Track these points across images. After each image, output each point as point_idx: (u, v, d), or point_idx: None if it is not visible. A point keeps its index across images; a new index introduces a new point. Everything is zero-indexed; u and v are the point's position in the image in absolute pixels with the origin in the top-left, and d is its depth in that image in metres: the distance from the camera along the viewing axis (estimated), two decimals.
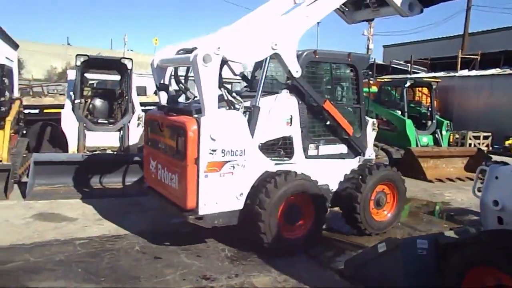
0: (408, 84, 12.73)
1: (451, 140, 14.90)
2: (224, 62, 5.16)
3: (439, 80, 19.46)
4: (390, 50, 38.92)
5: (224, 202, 5.13)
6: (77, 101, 8.94)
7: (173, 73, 6.01)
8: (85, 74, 9.99)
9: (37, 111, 11.71)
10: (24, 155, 9.00)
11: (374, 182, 6.09)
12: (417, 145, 12.07)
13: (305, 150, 5.84)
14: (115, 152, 8.87)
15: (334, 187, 6.16)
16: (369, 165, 6.28)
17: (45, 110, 11.70)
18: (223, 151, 5.02)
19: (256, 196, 5.17)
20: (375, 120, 11.46)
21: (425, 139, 12.49)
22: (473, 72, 21.12)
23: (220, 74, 5.41)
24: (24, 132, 10.15)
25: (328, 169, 6.06)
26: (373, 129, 11.39)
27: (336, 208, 6.36)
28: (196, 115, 5.00)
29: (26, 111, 11.04)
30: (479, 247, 3.32)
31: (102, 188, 7.89)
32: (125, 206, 7.08)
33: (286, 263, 5.06)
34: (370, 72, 26.95)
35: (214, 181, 4.99)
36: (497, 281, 3.18)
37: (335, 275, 4.88)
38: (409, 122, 12.25)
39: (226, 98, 5.31)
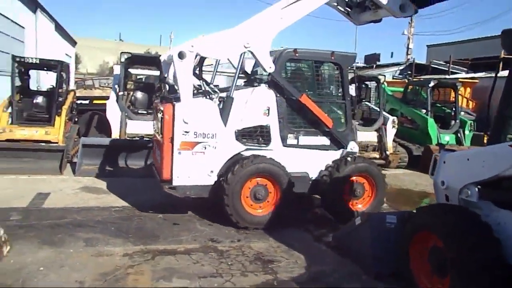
0: (432, 84, 13.04)
1: (484, 141, 14.89)
2: (203, 58, 6.05)
3: (476, 81, 19.26)
4: (434, 49, 38.02)
5: (195, 177, 5.95)
6: (120, 93, 10.19)
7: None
8: (129, 69, 11.25)
9: (87, 101, 13.20)
10: (75, 139, 10.41)
11: (347, 173, 6.39)
12: (438, 144, 12.41)
13: (283, 139, 6.39)
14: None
15: (313, 175, 6.57)
16: (344, 157, 6.56)
17: (94, 101, 13.16)
18: (195, 133, 5.85)
19: (224, 174, 5.96)
20: (395, 118, 12.15)
21: (447, 137, 12.77)
22: None
23: (200, 68, 6.23)
24: (76, 119, 11.63)
25: (308, 159, 6.51)
26: (393, 127, 12.04)
27: None
28: (174, 102, 5.89)
29: (79, 101, 12.54)
30: (422, 216, 4.06)
31: (137, 168, 9.09)
32: (155, 183, 8.17)
33: (284, 235, 5.91)
34: (410, 72, 27.07)
35: (186, 158, 5.84)
36: (434, 243, 3.90)
37: (323, 246, 5.70)
38: (431, 121, 12.61)
39: (203, 88, 6.15)
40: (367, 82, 14.05)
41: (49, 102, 9.88)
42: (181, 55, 5.71)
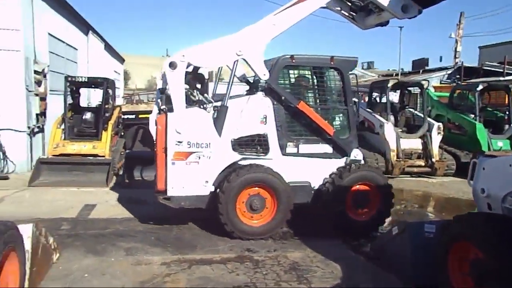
0: (480, 87, 12.42)
1: None
2: (197, 67, 6.05)
3: None
4: (487, 51, 36.19)
5: (190, 187, 5.86)
6: (163, 107, 10.54)
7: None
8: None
9: (133, 116, 13.80)
10: (122, 153, 10.89)
11: (348, 182, 6.12)
12: (489, 149, 11.75)
13: (282, 147, 6.21)
14: None
15: (316, 185, 6.34)
16: (346, 165, 6.31)
17: (140, 116, 13.74)
18: (189, 143, 5.78)
19: (219, 183, 5.88)
20: (440, 124, 11.71)
21: (500, 143, 12.02)
22: None
23: (196, 77, 6.25)
24: (122, 133, 12.17)
25: (309, 167, 6.30)
26: (439, 133, 11.59)
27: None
28: (168, 112, 5.87)
29: (125, 116, 13.15)
30: (460, 226, 3.85)
31: None
32: None
33: (321, 245, 5.82)
34: (458, 76, 25.88)
35: (180, 168, 5.78)
36: (474, 255, 3.69)
37: (360, 256, 5.56)
38: (479, 126, 11.98)
39: (197, 98, 6.07)
40: (410, 88, 13.65)
41: (97, 117, 10.45)
42: (172, 65, 5.72)
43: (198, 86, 6.97)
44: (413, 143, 11.57)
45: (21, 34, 9.81)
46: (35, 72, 10.56)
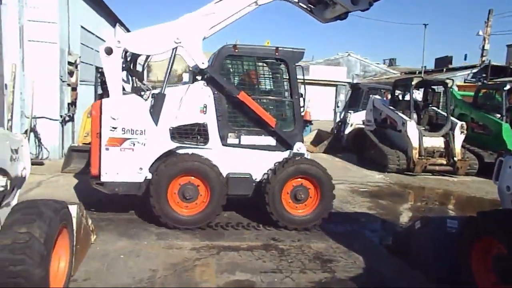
0: (508, 87, 12.28)
1: None
2: (136, 54, 6.13)
3: None
4: None
5: (124, 173, 5.86)
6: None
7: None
8: (197, 77, 11.88)
9: None
10: None
11: (286, 175, 6.06)
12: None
13: (223, 138, 6.16)
14: None
15: (258, 177, 6.28)
16: (285, 158, 6.25)
17: None
18: (124, 129, 5.76)
19: (150, 173, 5.92)
20: (463, 123, 11.66)
21: None
22: None
23: (134, 64, 6.32)
24: None
25: (251, 159, 6.23)
26: (462, 132, 11.55)
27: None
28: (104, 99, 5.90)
29: None
30: (484, 221, 3.98)
31: None
32: None
33: (343, 236, 6.06)
34: (484, 75, 25.40)
35: (114, 154, 5.78)
36: (498, 251, 3.82)
37: (382, 248, 5.73)
38: (506, 126, 11.88)
39: (135, 85, 6.07)
40: (434, 87, 13.60)
41: None
42: (107, 51, 5.72)
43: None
44: (435, 142, 11.58)
45: (57, 27, 10.19)
46: (69, 63, 10.95)
